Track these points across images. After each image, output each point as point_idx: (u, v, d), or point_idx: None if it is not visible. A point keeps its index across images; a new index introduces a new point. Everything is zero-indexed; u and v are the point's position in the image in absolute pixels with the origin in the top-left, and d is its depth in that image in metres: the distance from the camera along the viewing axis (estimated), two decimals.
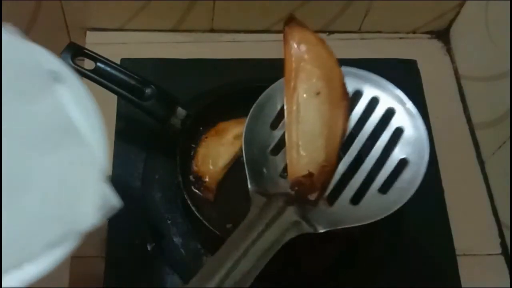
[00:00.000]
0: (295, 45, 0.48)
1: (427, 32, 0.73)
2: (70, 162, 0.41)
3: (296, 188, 0.45)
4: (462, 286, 0.55)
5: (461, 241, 0.57)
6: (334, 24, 0.71)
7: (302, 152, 0.45)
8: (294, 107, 0.46)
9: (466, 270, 0.56)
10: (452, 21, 0.72)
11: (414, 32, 0.73)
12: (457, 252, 0.57)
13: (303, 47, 0.48)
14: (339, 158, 0.47)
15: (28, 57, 0.45)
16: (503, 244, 0.59)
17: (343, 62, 0.69)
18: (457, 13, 0.70)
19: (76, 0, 0.66)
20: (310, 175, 0.44)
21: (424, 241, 0.58)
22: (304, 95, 0.46)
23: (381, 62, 0.68)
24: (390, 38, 0.72)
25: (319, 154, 0.45)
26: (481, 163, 0.64)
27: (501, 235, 0.60)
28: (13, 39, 0.46)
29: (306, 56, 0.48)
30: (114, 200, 0.38)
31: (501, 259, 0.59)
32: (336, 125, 0.46)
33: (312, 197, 0.45)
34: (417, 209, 0.56)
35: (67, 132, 0.43)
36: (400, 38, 0.73)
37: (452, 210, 0.59)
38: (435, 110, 0.64)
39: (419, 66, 0.68)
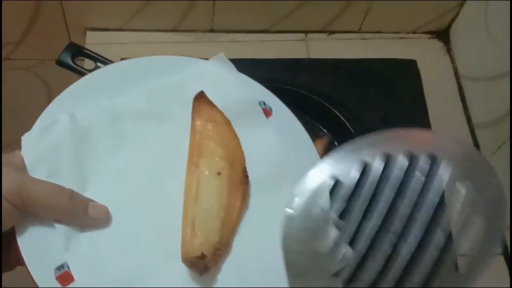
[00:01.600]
0: (202, 122, 0.48)
1: (427, 32, 0.73)
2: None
3: (189, 267, 0.43)
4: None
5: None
6: (334, 24, 0.71)
7: (197, 232, 0.44)
8: (194, 184, 0.45)
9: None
10: (452, 21, 0.72)
11: (414, 32, 0.73)
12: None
13: (209, 125, 0.48)
14: None
15: (241, 89, 0.50)
16: (503, 244, 0.59)
17: (343, 62, 0.69)
18: (457, 13, 0.70)
19: (76, 0, 0.66)
20: (202, 256, 0.42)
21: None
22: (206, 173, 0.46)
23: (381, 62, 0.68)
24: (390, 38, 0.72)
25: (214, 236, 0.43)
26: None
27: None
28: (225, 72, 0.50)
29: (211, 134, 0.48)
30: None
31: (501, 259, 0.59)
32: (233, 209, 0.45)
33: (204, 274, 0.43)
34: None
35: (287, 171, 0.47)
36: (400, 38, 0.73)
37: None
38: (435, 110, 0.65)
39: (419, 66, 0.68)
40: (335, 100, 0.62)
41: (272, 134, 0.49)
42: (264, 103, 0.50)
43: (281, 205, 0.40)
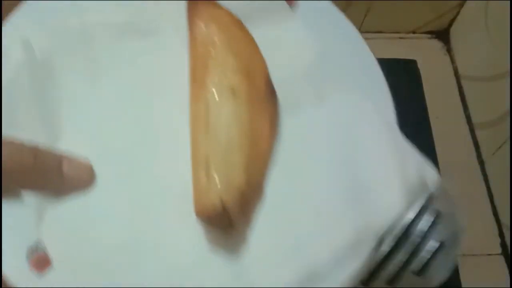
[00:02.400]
0: (203, 26, 0.35)
1: (427, 32, 0.73)
2: (346, 119, 0.33)
3: (207, 223, 0.32)
4: (462, 286, 0.55)
5: (461, 241, 0.57)
6: None
7: (213, 173, 0.31)
8: (202, 110, 0.33)
9: (466, 270, 0.56)
10: (452, 21, 0.72)
11: (414, 32, 0.73)
12: None
13: (213, 28, 0.35)
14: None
15: None
16: (503, 244, 0.59)
17: None
18: (457, 13, 0.70)
19: None
20: (223, 205, 0.30)
21: None
22: (215, 94, 0.33)
23: (381, 62, 0.68)
24: (390, 38, 0.72)
25: (237, 175, 0.31)
26: (481, 163, 0.64)
27: (501, 235, 0.60)
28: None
29: (217, 40, 0.35)
30: (430, 174, 0.32)
31: (501, 259, 0.59)
32: (260, 136, 0.33)
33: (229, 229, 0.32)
34: None
35: (329, 72, 0.35)
36: (400, 38, 0.73)
37: None
38: (435, 110, 0.64)
39: (419, 66, 0.68)
40: None
41: (300, 29, 0.37)
42: None
43: (324, 121, 0.33)
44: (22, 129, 0.32)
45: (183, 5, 0.36)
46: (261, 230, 0.32)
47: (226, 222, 0.31)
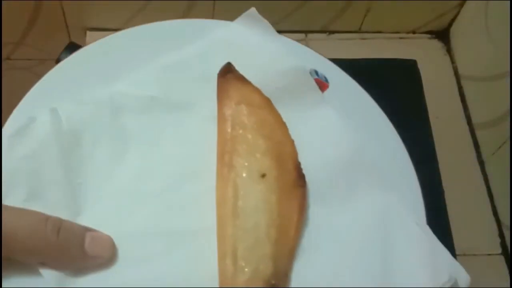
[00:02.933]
0: (233, 105, 0.34)
1: (427, 32, 0.73)
2: (377, 216, 0.32)
3: None
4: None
5: (461, 241, 0.57)
6: (334, 24, 0.71)
7: (241, 262, 0.30)
8: (230, 193, 0.32)
9: (466, 270, 0.56)
10: (452, 21, 0.72)
11: (414, 32, 0.73)
12: (457, 252, 0.57)
13: (243, 109, 0.34)
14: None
15: (284, 56, 0.36)
16: (503, 244, 0.59)
17: (343, 62, 0.69)
18: (457, 13, 0.70)
19: (76, 0, 0.66)
20: None
21: None
22: (244, 177, 0.32)
23: (381, 62, 0.68)
24: (390, 38, 0.72)
25: (265, 266, 0.30)
26: (481, 163, 0.64)
27: (501, 235, 0.60)
28: (259, 34, 0.36)
29: (247, 121, 0.34)
30: (462, 277, 0.31)
31: (501, 259, 0.59)
32: (288, 224, 0.32)
33: None
34: None
35: (361, 165, 0.34)
36: (400, 38, 0.73)
37: (452, 210, 0.59)
38: (435, 110, 0.64)
39: (419, 66, 0.68)
40: None
41: (333, 116, 0.36)
42: (317, 73, 0.38)
43: (355, 216, 0.32)
44: (45, 201, 0.32)
45: (214, 82, 0.35)
46: None
47: None
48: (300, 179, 0.33)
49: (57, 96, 0.34)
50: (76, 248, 0.30)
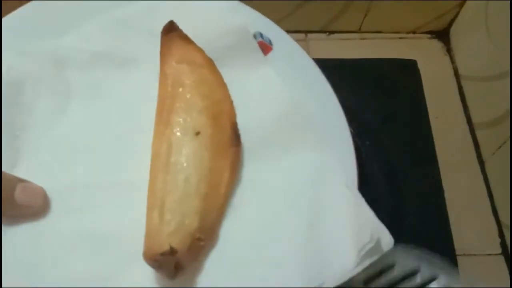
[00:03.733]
0: (174, 64, 0.35)
1: (427, 32, 0.73)
2: (308, 176, 0.33)
3: (155, 268, 0.30)
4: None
5: (461, 241, 0.57)
6: (334, 24, 0.71)
7: (167, 215, 0.31)
8: (164, 149, 0.33)
9: (466, 270, 0.56)
10: (452, 21, 0.72)
11: (414, 32, 0.73)
12: (457, 252, 0.57)
13: (184, 67, 0.35)
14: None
15: (228, 17, 0.36)
16: (503, 244, 0.59)
17: (343, 62, 0.69)
18: (457, 13, 0.70)
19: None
20: (172, 252, 0.29)
21: (424, 241, 0.57)
22: (179, 134, 0.33)
23: (381, 62, 0.68)
24: (390, 38, 0.72)
25: (191, 220, 0.31)
26: (481, 163, 0.64)
27: (501, 235, 0.60)
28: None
29: (187, 80, 0.34)
30: (385, 238, 0.32)
31: (501, 259, 0.59)
32: (219, 182, 0.33)
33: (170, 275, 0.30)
34: (417, 209, 0.57)
35: (297, 124, 0.34)
36: (400, 38, 0.73)
37: (452, 210, 0.59)
38: (435, 110, 0.64)
39: (419, 66, 0.68)
40: None
41: (273, 77, 0.36)
42: (261, 35, 0.38)
43: (287, 174, 0.33)
44: None
45: (159, 39, 0.35)
46: (211, 277, 0.31)
47: (172, 266, 0.30)
48: (235, 138, 0.33)
49: (3, 45, 0.34)
50: (5, 196, 0.30)
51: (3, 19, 0.36)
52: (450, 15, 0.71)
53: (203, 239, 0.31)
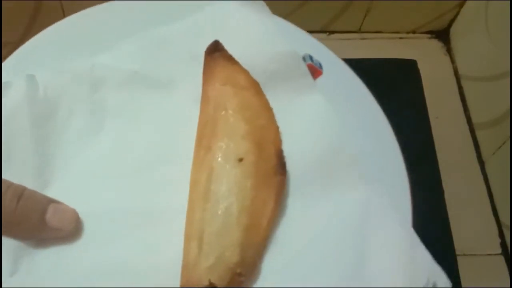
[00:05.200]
0: (218, 86, 0.32)
1: (427, 32, 0.73)
2: (356, 213, 0.30)
3: None
4: (462, 286, 0.55)
5: (461, 241, 0.57)
6: (334, 24, 0.71)
7: (206, 248, 0.28)
8: (204, 176, 0.30)
9: (466, 270, 0.56)
10: (452, 21, 0.72)
11: (414, 32, 0.73)
12: (457, 252, 0.57)
13: (228, 90, 0.32)
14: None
15: (276, 38, 0.34)
16: (503, 244, 0.59)
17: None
18: (457, 13, 0.70)
19: (76, 0, 0.66)
20: (211, 287, 0.28)
21: (424, 241, 0.57)
22: (220, 160, 0.30)
23: (381, 62, 0.68)
24: (390, 38, 0.72)
25: (231, 254, 0.28)
26: (481, 163, 0.64)
27: (501, 235, 0.60)
28: (253, 14, 0.34)
29: (230, 104, 0.32)
30: (442, 281, 0.30)
31: (501, 259, 0.59)
32: (262, 213, 0.30)
33: None
34: (417, 209, 0.57)
35: (348, 155, 0.32)
36: (400, 38, 0.73)
37: (452, 210, 0.59)
38: (435, 110, 0.64)
39: (419, 66, 0.68)
40: None
41: (323, 103, 0.34)
42: (311, 58, 0.35)
43: (335, 209, 0.31)
44: (14, 168, 0.30)
45: (200, 60, 0.33)
46: None
47: None
48: (280, 167, 0.31)
49: (37, 64, 0.33)
50: (36, 218, 0.28)
51: (38, 35, 0.35)
52: (450, 15, 0.71)
53: (243, 274, 0.29)
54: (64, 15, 0.68)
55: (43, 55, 0.33)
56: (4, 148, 0.30)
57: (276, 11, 0.69)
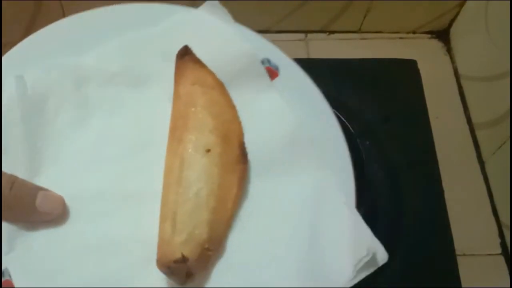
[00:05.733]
0: (188, 85, 0.37)
1: (427, 32, 0.73)
2: (309, 193, 0.36)
3: (167, 274, 0.33)
4: (462, 286, 0.55)
5: (461, 241, 0.57)
6: (334, 24, 0.71)
7: (179, 226, 0.33)
8: (177, 164, 0.35)
9: (466, 270, 0.56)
10: (452, 21, 0.72)
11: (414, 32, 0.73)
12: (457, 252, 0.57)
13: (197, 89, 0.37)
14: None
15: (238, 43, 0.39)
16: (503, 244, 0.59)
17: (343, 62, 0.69)
18: (457, 13, 0.70)
19: (76, 0, 0.66)
20: (183, 259, 0.32)
21: (424, 241, 0.58)
22: (190, 150, 0.35)
23: (381, 62, 0.68)
24: (390, 38, 0.72)
25: (201, 232, 0.33)
26: (481, 163, 0.64)
27: (501, 235, 0.60)
28: (218, 21, 0.39)
29: (199, 101, 0.37)
30: (380, 252, 0.34)
31: (501, 259, 0.59)
32: (227, 196, 0.35)
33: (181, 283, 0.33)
34: (417, 209, 0.57)
35: (300, 145, 0.37)
36: (400, 38, 0.73)
37: (452, 210, 0.59)
38: (435, 110, 0.64)
39: (419, 66, 0.68)
40: (335, 100, 0.62)
41: (278, 101, 0.39)
42: (269, 61, 0.40)
43: (290, 191, 0.36)
44: (5, 159, 0.34)
45: (174, 61, 0.38)
46: (217, 284, 0.34)
47: (184, 273, 0.33)
48: (243, 156, 0.36)
49: (24, 65, 0.37)
50: (27, 203, 0.33)
51: (30, 36, 0.39)
52: (450, 15, 0.71)
53: (211, 249, 0.34)
54: (64, 15, 0.68)
55: (33, 55, 0.38)
56: None
57: (276, 11, 0.69)
